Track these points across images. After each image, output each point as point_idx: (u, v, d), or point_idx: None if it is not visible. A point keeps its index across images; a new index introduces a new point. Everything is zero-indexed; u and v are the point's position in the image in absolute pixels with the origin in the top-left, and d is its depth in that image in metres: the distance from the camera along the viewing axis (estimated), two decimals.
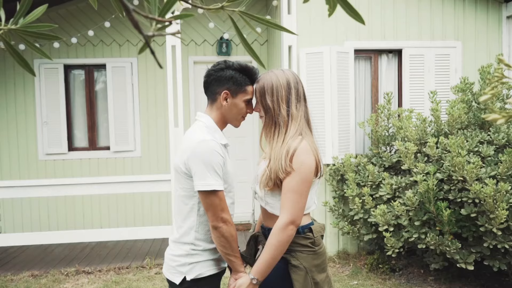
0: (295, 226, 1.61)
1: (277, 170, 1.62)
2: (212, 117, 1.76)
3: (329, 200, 4.53)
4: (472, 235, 3.43)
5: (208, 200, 1.62)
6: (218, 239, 1.65)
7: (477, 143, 3.57)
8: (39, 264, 4.56)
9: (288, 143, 1.63)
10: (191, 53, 5.76)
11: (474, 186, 3.17)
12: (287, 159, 1.60)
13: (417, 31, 4.71)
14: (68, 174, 5.59)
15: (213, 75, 1.73)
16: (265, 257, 1.61)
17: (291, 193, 1.60)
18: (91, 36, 5.29)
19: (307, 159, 1.62)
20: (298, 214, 1.61)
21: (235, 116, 1.76)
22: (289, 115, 1.68)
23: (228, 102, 1.73)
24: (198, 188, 1.62)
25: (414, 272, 4.13)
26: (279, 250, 1.60)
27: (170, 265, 1.75)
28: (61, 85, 5.57)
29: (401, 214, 3.60)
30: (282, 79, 1.70)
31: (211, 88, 1.75)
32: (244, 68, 1.72)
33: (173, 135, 4.28)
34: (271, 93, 1.68)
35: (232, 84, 1.71)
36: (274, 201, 1.69)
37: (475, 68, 4.61)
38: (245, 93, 1.74)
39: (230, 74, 1.71)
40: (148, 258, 4.52)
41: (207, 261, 1.72)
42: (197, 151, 1.62)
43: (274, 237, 1.60)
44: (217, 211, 1.62)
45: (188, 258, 1.71)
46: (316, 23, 4.54)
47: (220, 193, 1.63)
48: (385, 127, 4.30)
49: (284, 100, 1.68)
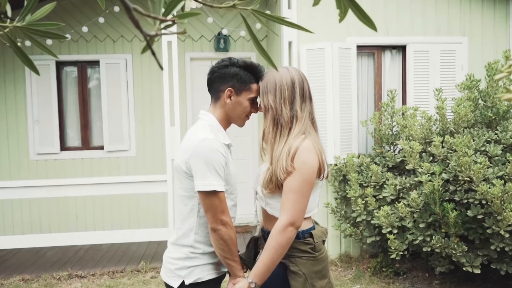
0: (295, 228, 1.60)
1: (277, 171, 1.61)
2: (216, 115, 1.76)
3: (331, 201, 4.54)
4: (478, 238, 3.44)
5: (208, 201, 1.62)
6: (216, 242, 1.65)
7: (484, 142, 3.58)
8: (30, 268, 4.56)
9: (289, 142, 1.63)
10: (187, 49, 5.76)
11: (481, 187, 3.18)
12: (288, 159, 1.59)
13: (421, 26, 4.72)
14: (61, 175, 5.59)
15: (216, 72, 1.73)
16: (264, 260, 1.61)
17: (292, 193, 1.59)
18: (85, 32, 5.29)
19: (309, 158, 1.61)
20: (298, 215, 1.60)
21: (239, 115, 1.76)
22: (293, 116, 1.67)
23: (232, 100, 1.72)
24: (198, 188, 1.62)
25: (419, 275, 4.15)
26: (279, 253, 1.59)
27: (168, 268, 1.75)
28: (53, 82, 5.57)
29: (406, 216, 3.61)
30: (287, 78, 1.68)
31: (215, 85, 1.75)
32: (249, 66, 1.72)
33: (169, 134, 4.29)
34: (274, 93, 1.67)
35: (236, 82, 1.71)
36: (274, 202, 1.68)
37: (482, 65, 4.63)
38: (249, 91, 1.73)
39: (234, 72, 1.70)
40: (144, 262, 4.53)
41: (207, 265, 1.72)
42: (199, 150, 1.62)
43: (273, 239, 1.59)
44: (216, 213, 1.62)
45: (187, 261, 1.71)
46: (317, 18, 4.55)
47: (221, 194, 1.63)
48: (389, 125, 4.31)
49: (288, 100, 1.67)
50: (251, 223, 5.43)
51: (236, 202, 1.82)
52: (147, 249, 5.11)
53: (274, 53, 5.26)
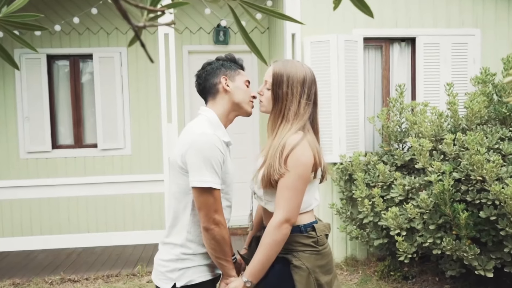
0: (289, 225, 1.65)
1: (271, 172, 1.65)
2: (216, 111, 1.79)
3: (336, 202, 4.54)
4: (491, 240, 3.44)
5: (201, 198, 1.64)
6: (208, 241, 1.67)
7: (497, 139, 3.57)
8: (21, 271, 4.57)
9: (284, 139, 1.67)
10: (185, 42, 5.75)
11: (494, 187, 3.17)
12: (281, 160, 1.64)
13: (432, 18, 4.70)
14: (52, 174, 5.59)
15: (203, 73, 1.83)
16: (259, 258, 1.65)
17: (286, 190, 1.64)
18: (77, 23, 5.27)
19: (303, 155, 1.65)
20: (293, 212, 1.65)
21: (244, 98, 1.82)
22: (296, 111, 1.72)
23: (231, 86, 1.80)
24: (193, 184, 1.64)
25: (429, 279, 4.14)
26: (274, 250, 1.64)
27: (159, 271, 1.78)
28: (43, 77, 5.56)
29: (415, 217, 3.60)
30: (300, 72, 1.75)
31: (207, 84, 1.81)
32: (229, 58, 1.87)
33: (166, 131, 4.28)
34: (287, 83, 1.73)
35: (226, 70, 1.81)
36: (273, 199, 1.72)
37: (495, 58, 4.61)
38: (241, 75, 1.85)
39: (219, 64, 1.83)
40: (140, 265, 4.53)
41: (199, 266, 1.74)
42: (196, 145, 1.64)
43: (268, 236, 1.64)
44: (210, 212, 1.64)
45: (179, 263, 1.73)
46: (322, 9, 4.53)
47: (216, 192, 1.65)
48: (397, 122, 4.30)
49: (297, 94, 1.72)
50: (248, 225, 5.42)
51: (231, 203, 1.84)
52: (143, 251, 5.11)
53: (277, 46, 5.25)
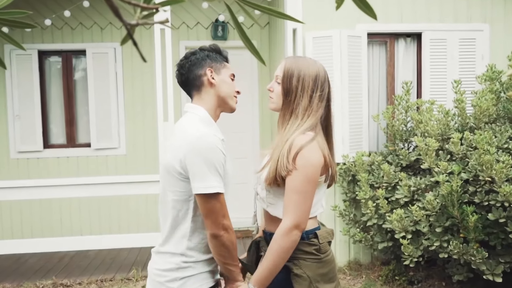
0: (299, 231, 1.63)
1: (278, 168, 1.64)
2: (204, 106, 1.75)
3: (338, 203, 4.53)
4: (500, 243, 3.43)
5: (208, 205, 1.60)
6: (217, 248, 1.65)
7: (507, 139, 3.56)
8: (11, 276, 4.56)
9: (293, 137, 1.66)
10: (182, 38, 5.74)
11: (503, 188, 3.16)
12: (289, 156, 1.62)
13: (438, 13, 4.69)
14: (44, 175, 5.58)
15: (186, 63, 1.77)
16: (267, 265, 1.64)
17: (295, 194, 1.62)
18: (69, 17, 5.26)
19: (313, 156, 1.64)
20: (302, 217, 1.63)
21: (229, 93, 1.79)
22: (307, 109, 1.71)
23: (216, 79, 1.75)
24: (198, 191, 1.59)
25: (435, 284, 4.14)
26: (282, 257, 1.63)
27: (157, 281, 1.74)
28: (35, 73, 5.55)
29: (420, 220, 3.60)
30: (313, 68, 1.74)
31: (192, 75, 1.76)
32: (213, 48, 1.81)
33: (162, 130, 4.28)
34: (298, 78, 1.72)
35: (211, 61, 1.76)
36: (276, 201, 1.71)
37: (505, 54, 4.60)
38: (227, 68, 1.80)
39: (205, 54, 1.78)
40: (135, 269, 4.53)
41: (201, 274, 1.72)
42: (197, 148, 1.60)
43: (277, 242, 1.62)
44: (218, 218, 1.61)
45: (179, 272, 1.69)
46: (324, 3, 4.52)
47: (222, 196, 1.62)
48: (403, 120, 4.29)
49: (309, 89, 1.71)
50: (252, 227, 5.42)
51: None
52: (139, 255, 5.11)
53: (277, 42, 5.24)
